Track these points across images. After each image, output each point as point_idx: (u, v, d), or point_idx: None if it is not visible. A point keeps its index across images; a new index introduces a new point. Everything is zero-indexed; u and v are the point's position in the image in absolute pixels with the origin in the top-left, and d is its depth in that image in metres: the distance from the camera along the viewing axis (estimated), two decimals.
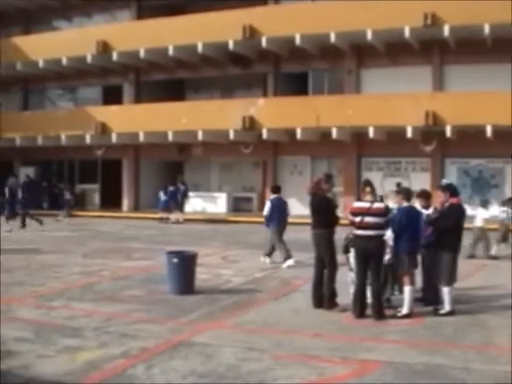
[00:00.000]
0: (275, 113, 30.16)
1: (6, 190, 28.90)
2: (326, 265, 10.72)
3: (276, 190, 17.22)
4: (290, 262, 15.72)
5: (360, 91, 31.46)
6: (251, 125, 29.95)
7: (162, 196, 30.47)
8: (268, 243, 16.78)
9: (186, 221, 29.60)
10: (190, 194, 32.00)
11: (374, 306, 10.01)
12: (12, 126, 36.98)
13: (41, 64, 36.09)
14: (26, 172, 38.08)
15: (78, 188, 36.89)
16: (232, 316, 10.22)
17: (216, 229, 26.78)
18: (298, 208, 30.40)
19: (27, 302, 11.46)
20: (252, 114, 30.07)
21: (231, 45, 30.80)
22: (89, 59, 34.57)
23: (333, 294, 10.66)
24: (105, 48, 33.89)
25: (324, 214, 10.84)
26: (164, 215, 30.38)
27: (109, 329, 9.31)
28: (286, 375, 7.22)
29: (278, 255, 16.07)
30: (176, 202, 30.05)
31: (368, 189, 10.30)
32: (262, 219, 17.27)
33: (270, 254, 16.41)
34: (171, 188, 30.48)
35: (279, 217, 16.46)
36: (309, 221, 11.12)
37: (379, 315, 9.94)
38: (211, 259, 16.75)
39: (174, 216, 30.09)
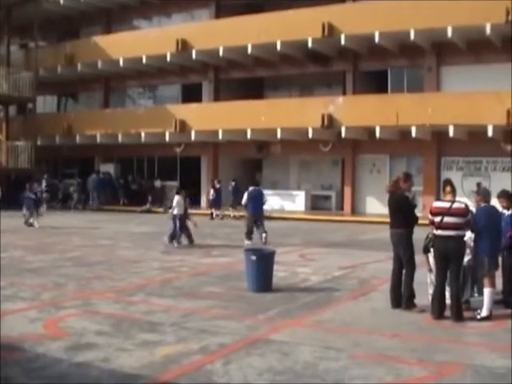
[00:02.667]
0: (354, 111, 29.95)
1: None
2: (404, 265, 10.60)
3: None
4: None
5: (440, 89, 30.93)
6: (330, 123, 29.81)
7: (212, 194, 30.76)
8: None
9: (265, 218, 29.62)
10: (269, 191, 32.04)
11: (453, 307, 9.83)
12: (93, 124, 37.75)
13: (121, 63, 36.71)
14: (106, 169, 38.90)
15: (157, 184, 37.21)
16: (310, 314, 10.19)
17: (294, 227, 26.75)
18: (377, 207, 30.27)
19: (107, 296, 11.65)
20: (331, 112, 29.93)
21: (310, 43, 30.71)
22: (168, 58, 35.01)
23: (411, 295, 10.52)
24: (184, 47, 34.24)
25: (403, 213, 10.70)
26: (216, 212, 30.90)
27: (187, 324, 9.39)
28: (362, 375, 7.15)
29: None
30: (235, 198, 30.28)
31: (448, 188, 10.13)
32: (341, 218, 17.23)
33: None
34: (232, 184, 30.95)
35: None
36: (387, 220, 11.01)
37: (458, 317, 9.76)
38: (289, 257, 16.74)
39: (231, 213, 30.60)
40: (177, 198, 19.17)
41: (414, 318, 9.97)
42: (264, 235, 19.63)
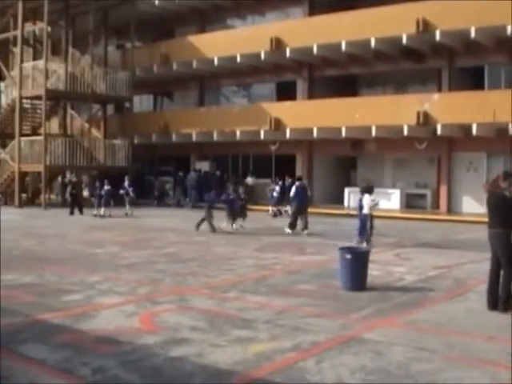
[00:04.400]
0: (450, 108, 29.45)
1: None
2: (502, 265, 10.36)
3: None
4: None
5: None
6: (425, 120, 29.43)
7: (276, 191, 30.60)
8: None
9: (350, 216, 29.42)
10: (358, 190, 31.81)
11: None
12: (189, 122, 38.29)
13: (216, 62, 37.14)
14: (202, 167, 39.36)
15: (249, 182, 37.35)
16: (404, 314, 10.08)
17: (389, 225, 26.48)
18: (474, 206, 29.70)
19: (202, 292, 11.79)
20: (426, 109, 29.53)
21: (404, 39, 30.35)
22: (262, 56, 35.20)
23: (509, 297, 10.27)
24: (278, 45, 34.38)
25: (501, 213, 10.44)
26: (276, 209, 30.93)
27: (280, 322, 9.42)
28: (456, 377, 7.00)
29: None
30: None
31: None
32: (436, 216, 17.02)
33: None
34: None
35: None
36: (484, 219, 10.78)
37: None
38: (384, 256, 16.60)
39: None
40: (366, 197, 19.09)
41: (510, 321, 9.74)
42: (305, 232, 21.76)
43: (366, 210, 18.80)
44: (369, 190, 19.48)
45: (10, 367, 7.28)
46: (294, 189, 22.94)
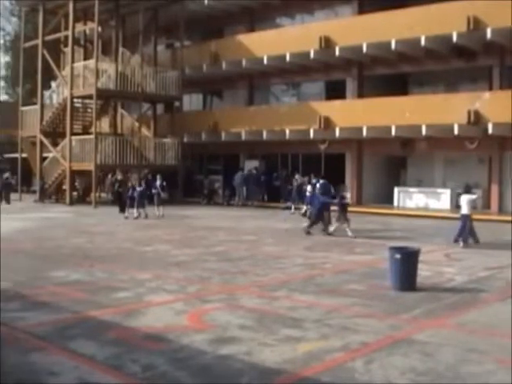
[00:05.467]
0: (501, 107, 28.97)
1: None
2: None
3: None
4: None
5: None
6: (476, 119, 29.05)
7: (309, 190, 30.09)
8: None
9: (409, 216, 29.27)
10: (413, 189, 31.63)
11: None
12: (238, 121, 38.39)
13: (265, 60, 37.13)
14: (251, 165, 39.42)
15: (297, 181, 37.20)
16: (454, 315, 9.99)
17: (439, 225, 26.24)
18: None
19: (251, 290, 11.83)
20: (477, 108, 29.17)
21: (455, 37, 29.99)
22: (312, 55, 35.10)
23: None
24: (327, 43, 34.27)
25: None
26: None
27: (329, 321, 9.40)
28: (507, 380, 6.92)
29: None
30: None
31: None
32: (487, 217, 16.83)
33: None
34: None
35: None
36: None
37: None
38: (433, 256, 16.45)
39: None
40: (465, 197, 19.00)
41: None
42: (331, 228, 21.81)
43: (465, 211, 18.78)
44: (468, 190, 19.54)
45: (60, 363, 7.39)
46: (309, 188, 25.24)
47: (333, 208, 22.21)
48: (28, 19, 45.95)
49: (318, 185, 23.42)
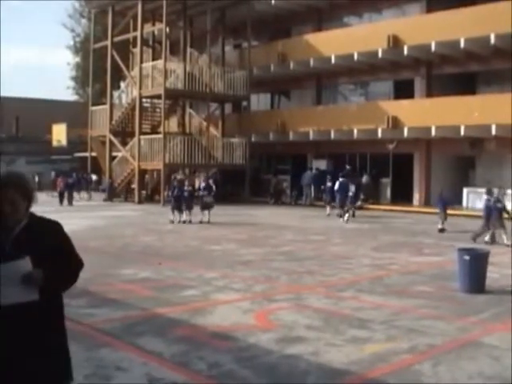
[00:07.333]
0: None
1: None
2: None
3: None
4: None
5: None
6: None
7: (352, 190, 29.14)
8: None
9: (478, 218, 28.84)
10: (482, 190, 30.95)
11: None
12: (306, 121, 38.36)
13: (333, 60, 37.00)
14: (318, 165, 39.36)
15: (364, 180, 36.88)
16: None
17: (509, 227, 25.75)
18: None
19: (317, 290, 11.81)
20: None
21: None
22: (380, 54, 34.84)
23: None
24: (395, 42, 33.98)
25: None
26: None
27: (397, 323, 9.33)
28: None
29: None
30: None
31: None
32: None
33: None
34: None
35: None
36: None
37: None
38: (503, 258, 16.17)
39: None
40: None
41: None
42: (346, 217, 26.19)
43: None
44: None
45: (127, 359, 7.51)
46: (337, 184, 27.55)
47: None
48: (97, 21, 46.63)
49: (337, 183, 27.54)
